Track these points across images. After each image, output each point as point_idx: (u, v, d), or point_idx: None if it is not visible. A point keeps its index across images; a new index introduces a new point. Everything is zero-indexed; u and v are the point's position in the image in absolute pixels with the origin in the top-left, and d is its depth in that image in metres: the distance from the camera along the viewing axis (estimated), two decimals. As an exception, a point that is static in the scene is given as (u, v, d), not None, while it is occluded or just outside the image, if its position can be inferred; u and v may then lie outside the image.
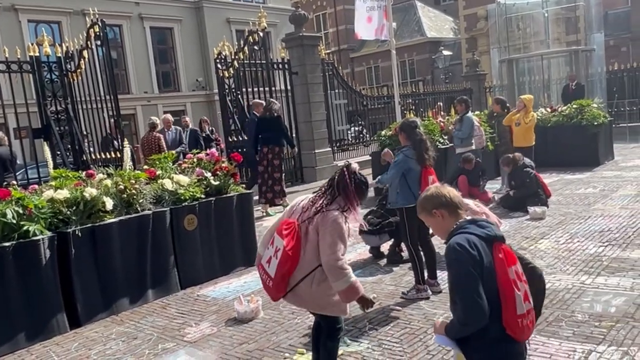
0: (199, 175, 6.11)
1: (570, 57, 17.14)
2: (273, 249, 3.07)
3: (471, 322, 2.18)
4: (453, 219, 2.39)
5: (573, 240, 6.20)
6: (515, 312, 2.18)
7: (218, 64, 11.84)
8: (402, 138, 4.99)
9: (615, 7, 33.77)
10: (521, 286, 2.22)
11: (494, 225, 2.34)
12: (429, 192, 2.50)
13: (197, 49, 25.50)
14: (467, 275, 2.18)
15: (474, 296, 2.15)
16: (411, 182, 4.82)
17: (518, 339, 2.24)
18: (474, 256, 2.19)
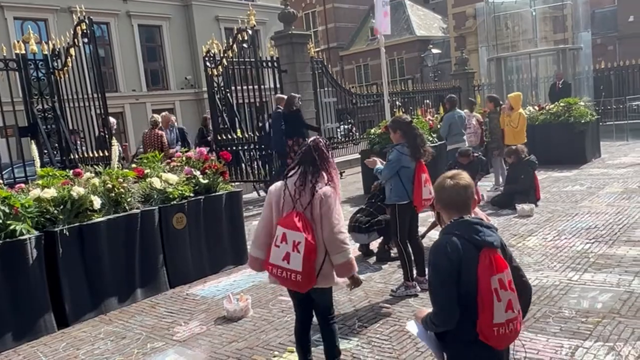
0: (187, 174, 6.08)
1: (557, 55, 17.25)
2: (289, 245, 3.06)
3: (439, 324, 2.27)
4: (447, 216, 2.37)
5: (560, 237, 6.25)
6: (491, 319, 2.16)
7: (207, 62, 11.77)
8: (396, 136, 4.93)
9: (602, 6, 34.11)
10: (504, 295, 2.18)
11: (491, 229, 2.28)
12: (438, 182, 2.41)
13: (186, 47, 25.37)
14: (441, 281, 2.21)
15: (444, 302, 2.21)
16: (404, 179, 4.82)
17: (493, 346, 2.22)
18: (453, 261, 2.18)
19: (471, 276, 2.17)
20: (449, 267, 2.18)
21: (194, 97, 25.42)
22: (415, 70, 37.71)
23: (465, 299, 2.18)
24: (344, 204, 9.65)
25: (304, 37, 13.78)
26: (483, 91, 20.25)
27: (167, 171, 6.16)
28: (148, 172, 6.00)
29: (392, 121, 5.15)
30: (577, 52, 17.05)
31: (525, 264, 5.38)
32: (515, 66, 17.95)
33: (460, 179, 2.36)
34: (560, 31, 20.50)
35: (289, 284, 3.20)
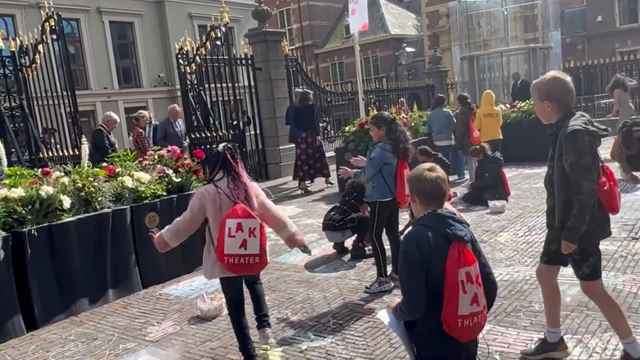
0: (160, 173, 6.01)
1: (528, 54, 17.57)
2: (245, 232, 3.42)
3: (407, 312, 2.33)
4: (423, 208, 2.40)
5: (531, 232, 6.36)
6: (456, 311, 2.21)
7: (180, 60, 11.66)
8: (380, 132, 4.92)
9: (571, 6, 34.81)
10: (470, 288, 2.23)
11: (462, 224, 2.33)
12: (418, 172, 2.44)
13: (159, 44, 25.05)
14: (411, 271, 2.26)
15: (413, 290, 2.27)
16: (387, 175, 4.84)
17: (456, 337, 2.27)
18: (423, 252, 2.24)
19: (440, 267, 2.23)
20: (419, 257, 2.24)
21: (167, 95, 25.12)
22: (389, 68, 37.95)
23: (434, 290, 2.24)
24: (319, 201, 9.67)
25: (278, 34, 13.74)
26: (456, 89, 20.49)
27: (139, 170, 6.08)
28: (119, 170, 5.92)
29: (377, 117, 5.07)
30: (547, 51, 17.39)
31: (497, 259, 5.47)
32: (487, 65, 18.21)
33: (439, 172, 2.43)
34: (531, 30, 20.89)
35: (247, 269, 3.54)
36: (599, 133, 3.04)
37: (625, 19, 33.43)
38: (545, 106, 3.12)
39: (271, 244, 7.01)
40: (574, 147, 2.91)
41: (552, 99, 3.10)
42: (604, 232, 3.16)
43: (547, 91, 3.11)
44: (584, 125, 2.97)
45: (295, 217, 8.64)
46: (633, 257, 5.13)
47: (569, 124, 2.98)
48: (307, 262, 6.11)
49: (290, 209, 9.28)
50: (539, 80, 3.21)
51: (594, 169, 2.96)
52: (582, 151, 2.91)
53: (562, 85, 3.09)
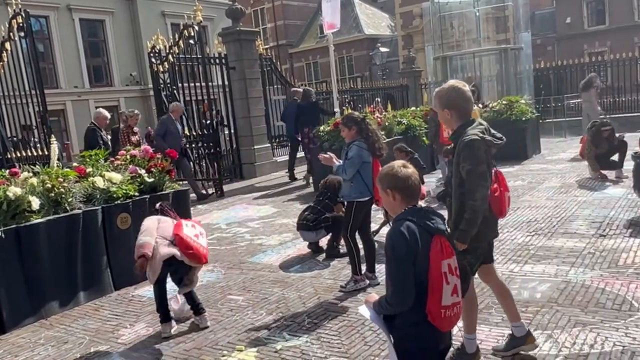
0: (132, 173, 5.93)
1: (500, 55, 17.77)
2: (197, 230, 4.36)
3: (395, 305, 2.33)
4: (404, 204, 2.43)
5: (503, 230, 6.46)
6: (440, 302, 2.28)
7: (152, 58, 11.53)
8: (351, 132, 4.92)
9: (541, 8, 35.48)
10: (451, 279, 2.32)
11: (440, 218, 2.40)
12: (393, 170, 2.47)
13: (131, 43, 24.71)
14: (400, 264, 2.29)
15: (403, 284, 2.28)
16: (365, 174, 4.85)
17: (439, 327, 2.33)
18: (410, 245, 2.28)
19: (424, 260, 2.28)
20: (407, 250, 2.27)
21: (140, 94, 24.81)
22: (364, 68, 38.13)
23: (419, 282, 2.28)
24: (294, 201, 9.66)
25: (252, 34, 13.68)
26: (430, 89, 20.67)
27: (110, 170, 5.99)
28: (90, 171, 5.82)
29: (347, 118, 5.06)
30: (518, 52, 17.62)
31: (470, 257, 5.53)
32: (460, 65, 18.37)
33: (412, 167, 2.49)
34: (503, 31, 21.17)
35: (195, 259, 4.27)
36: (494, 142, 3.24)
37: (593, 21, 34.24)
38: (446, 114, 3.26)
39: (246, 244, 7.00)
40: (470, 155, 3.06)
41: (451, 107, 3.24)
42: (492, 234, 3.43)
43: (447, 100, 3.25)
44: (480, 135, 3.13)
45: (270, 216, 8.62)
46: (601, 253, 5.25)
47: (467, 133, 3.12)
48: (281, 262, 6.10)
49: (265, 209, 9.26)
50: (439, 89, 3.36)
51: (488, 176, 3.15)
52: (478, 160, 3.06)
53: (460, 94, 3.22)
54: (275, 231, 7.61)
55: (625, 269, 4.78)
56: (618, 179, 8.68)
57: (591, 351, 3.40)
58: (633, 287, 4.34)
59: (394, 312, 2.37)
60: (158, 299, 4.41)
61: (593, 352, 3.38)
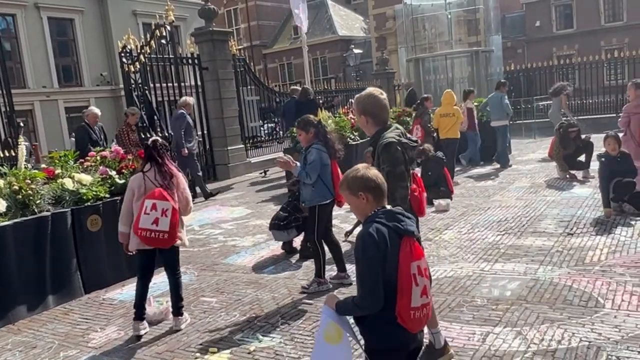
0: (102, 174, 5.84)
1: (471, 57, 18.06)
2: (158, 212, 4.11)
3: (364, 307, 2.33)
4: (375, 205, 2.44)
5: (474, 230, 6.56)
6: (409, 304, 2.29)
7: (123, 58, 11.36)
8: (309, 136, 4.91)
9: (511, 11, 36.11)
10: (421, 281, 2.33)
11: (410, 220, 2.41)
12: (360, 173, 2.47)
13: (101, 42, 24.30)
14: (370, 266, 2.29)
15: (372, 286, 2.28)
16: (325, 177, 4.86)
17: (408, 328, 2.34)
18: (380, 247, 2.29)
19: (393, 262, 2.29)
20: (377, 252, 2.28)
21: (111, 94, 24.42)
22: (338, 69, 38.26)
23: (388, 284, 2.29)
24: (268, 202, 9.64)
25: (225, 34, 13.61)
26: (403, 91, 20.85)
27: (80, 171, 5.89)
28: (59, 172, 5.71)
29: (304, 122, 4.99)
30: (489, 54, 17.93)
31: (442, 256, 5.61)
32: (432, 67, 18.59)
33: (374, 168, 2.52)
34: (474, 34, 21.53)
35: (156, 242, 4.20)
36: (410, 144, 3.36)
37: (561, 24, 35.02)
38: (364, 120, 3.40)
39: (219, 246, 6.96)
40: (388, 158, 3.18)
41: (368, 114, 3.37)
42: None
43: (363, 107, 3.39)
44: (397, 138, 3.25)
45: (244, 218, 8.59)
46: (568, 251, 5.37)
47: (385, 136, 3.25)
48: (255, 264, 6.08)
49: (239, 210, 9.22)
50: (358, 96, 3.50)
51: (407, 177, 3.26)
52: (396, 161, 3.17)
53: (375, 102, 3.37)
54: (249, 232, 7.59)
55: (591, 266, 4.90)
56: (585, 179, 8.90)
57: (559, 347, 3.47)
58: (599, 284, 4.45)
59: (362, 314, 2.38)
60: (138, 295, 4.40)
61: (560, 348, 3.46)
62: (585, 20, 33.45)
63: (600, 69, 18.72)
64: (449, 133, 10.05)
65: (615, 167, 6.60)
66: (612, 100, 17.88)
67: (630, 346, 3.38)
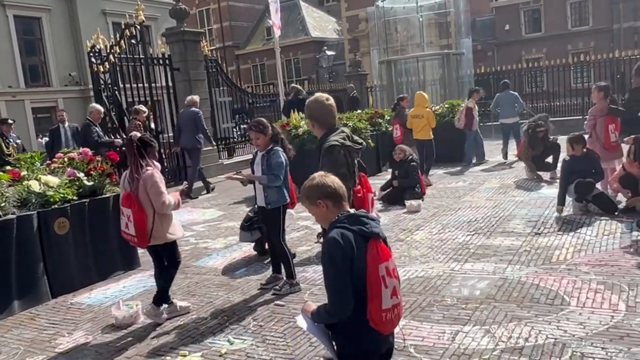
0: (70, 176, 5.72)
1: (442, 59, 18.26)
2: (125, 217, 4.28)
3: (334, 313, 2.34)
4: (336, 210, 2.44)
5: (445, 230, 6.64)
6: (380, 306, 2.29)
7: (92, 58, 11.17)
8: (267, 138, 4.84)
9: (482, 15, 36.65)
10: (390, 282, 2.33)
11: (375, 221, 2.40)
12: (315, 181, 2.48)
13: (69, 42, 23.80)
14: (337, 272, 2.29)
15: (340, 292, 2.29)
16: (286, 178, 4.94)
17: (380, 331, 2.35)
18: (346, 252, 2.28)
19: (361, 265, 2.28)
20: (343, 258, 2.27)
21: (80, 95, 23.92)
22: (311, 71, 38.27)
23: (357, 288, 2.29)
24: (240, 204, 9.59)
25: (197, 34, 13.49)
26: (375, 92, 20.98)
27: (47, 173, 5.77)
28: (25, 174, 5.58)
29: (261, 124, 4.88)
30: (460, 57, 18.14)
31: (413, 256, 5.66)
32: (404, 69, 18.73)
33: (330, 175, 2.54)
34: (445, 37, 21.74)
35: (132, 244, 4.54)
36: (354, 147, 3.48)
37: (530, 28, 35.71)
38: (311, 124, 3.57)
39: (190, 248, 6.89)
40: (330, 159, 3.33)
41: (314, 118, 3.55)
42: None
43: (310, 111, 3.60)
44: (340, 141, 3.39)
45: (216, 220, 8.53)
46: (536, 251, 5.49)
47: (329, 139, 3.39)
48: (227, 265, 6.05)
49: (211, 212, 9.15)
50: (307, 101, 3.66)
51: (349, 178, 3.37)
52: (338, 163, 3.30)
53: (321, 107, 3.55)
54: (220, 234, 7.54)
55: (557, 265, 5.02)
56: (552, 179, 9.09)
57: (526, 344, 3.54)
58: (565, 282, 4.56)
59: (334, 321, 2.38)
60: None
61: (527, 345, 3.53)
62: (553, 25, 34.18)
63: (567, 72, 19.14)
64: (420, 134, 10.20)
65: (577, 167, 6.78)
66: (579, 102, 18.29)
67: (594, 342, 3.47)
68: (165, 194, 4.27)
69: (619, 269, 4.77)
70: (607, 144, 7.20)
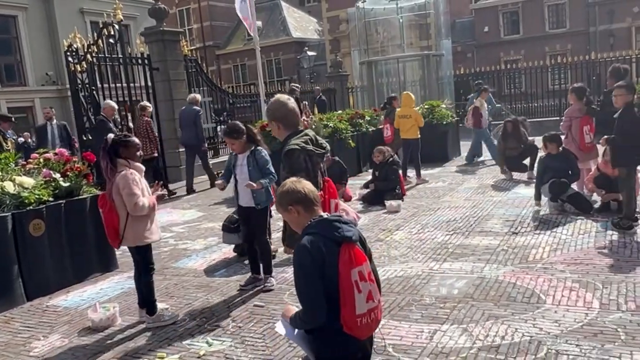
0: (46, 177, 5.64)
1: (422, 60, 18.39)
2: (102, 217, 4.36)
3: (308, 321, 2.34)
4: (308, 215, 2.41)
5: (424, 230, 6.69)
6: (354, 311, 2.26)
7: (69, 57, 11.02)
8: (242, 141, 4.86)
9: (461, 17, 37.00)
10: (364, 286, 2.28)
11: (349, 224, 2.36)
12: (285, 187, 2.47)
13: (46, 41, 23.42)
14: (307, 279, 2.27)
15: (312, 300, 2.27)
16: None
17: (356, 336, 2.32)
18: (316, 260, 2.25)
19: (333, 272, 2.25)
20: (313, 265, 2.25)
21: (57, 95, 23.56)
22: (292, 71, 38.20)
23: (330, 294, 2.26)
24: (220, 205, 9.54)
25: (176, 34, 13.38)
26: (356, 93, 21.06)
27: (22, 174, 5.67)
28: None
29: (239, 128, 4.87)
30: (439, 58, 18.29)
31: (392, 256, 5.69)
32: (384, 70, 18.82)
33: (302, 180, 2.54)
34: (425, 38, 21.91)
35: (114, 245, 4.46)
36: (315, 151, 3.47)
37: (508, 30, 36.15)
38: (275, 125, 3.56)
39: (169, 249, 6.84)
40: (288, 163, 3.35)
41: (277, 119, 3.55)
42: None
43: (272, 113, 3.60)
44: (302, 145, 3.38)
45: (196, 220, 8.47)
46: (513, 250, 5.55)
47: (290, 143, 3.39)
48: (206, 267, 6.01)
49: (191, 213, 9.09)
50: (269, 102, 3.66)
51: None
52: (296, 167, 3.30)
53: (281, 107, 3.54)
54: (200, 235, 7.49)
55: (534, 264, 5.08)
56: (529, 179, 9.22)
57: (502, 342, 3.58)
58: (541, 280, 4.62)
59: (308, 327, 2.37)
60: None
61: (504, 343, 3.57)
62: (531, 27, 34.64)
63: (544, 73, 19.45)
64: (407, 134, 10.27)
65: (552, 164, 6.95)
66: (556, 103, 18.60)
67: (569, 340, 3.53)
68: (137, 196, 4.16)
69: (593, 267, 4.86)
70: (582, 145, 7.32)
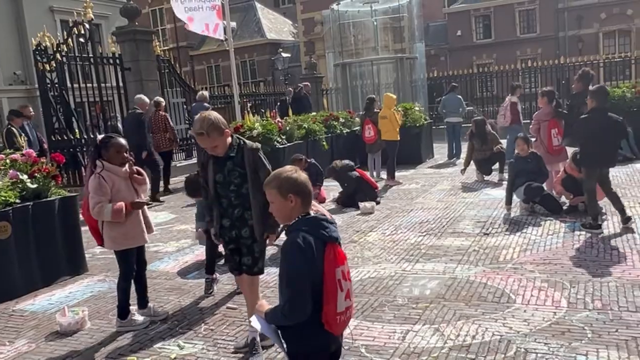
0: (12, 178, 5.50)
1: (396, 63, 18.51)
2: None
3: (291, 317, 2.31)
4: (301, 210, 2.40)
5: (397, 231, 6.74)
6: (335, 309, 2.30)
7: (38, 56, 10.79)
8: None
9: (435, 20, 37.43)
10: (345, 285, 2.33)
11: (333, 225, 2.39)
12: (295, 175, 2.39)
13: (15, 39, 22.90)
14: (297, 275, 2.27)
15: (299, 296, 2.26)
16: None
17: (333, 332, 2.37)
18: (307, 257, 2.26)
19: (319, 269, 2.27)
20: (304, 262, 2.25)
21: (26, 95, 23.04)
22: (267, 73, 38.09)
23: (314, 291, 2.28)
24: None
25: (148, 34, 13.20)
26: (331, 95, 21.09)
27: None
28: (-36, 176, 5.33)
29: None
30: (413, 61, 18.44)
31: (366, 257, 5.72)
32: (359, 72, 18.89)
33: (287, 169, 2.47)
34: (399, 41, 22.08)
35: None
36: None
37: (480, 34, 36.74)
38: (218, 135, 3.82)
39: (141, 252, 6.73)
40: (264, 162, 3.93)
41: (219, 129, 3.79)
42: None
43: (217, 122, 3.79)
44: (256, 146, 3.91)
45: (168, 222, 8.37)
46: (484, 250, 5.63)
47: (247, 144, 3.95)
48: (179, 269, 5.95)
49: (163, 215, 8.98)
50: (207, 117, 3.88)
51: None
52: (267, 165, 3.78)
53: (215, 121, 3.77)
54: (172, 237, 7.40)
55: (504, 264, 5.16)
56: (500, 181, 9.36)
57: (473, 342, 3.63)
58: (511, 280, 4.70)
59: (290, 323, 2.34)
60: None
61: (474, 342, 3.61)
62: (503, 31, 35.25)
63: (516, 77, 19.75)
64: (386, 135, 10.30)
65: (523, 167, 7.08)
66: (527, 107, 18.89)
67: (538, 338, 3.59)
68: (96, 200, 4.05)
69: (561, 267, 4.96)
70: (550, 148, 7.47)
